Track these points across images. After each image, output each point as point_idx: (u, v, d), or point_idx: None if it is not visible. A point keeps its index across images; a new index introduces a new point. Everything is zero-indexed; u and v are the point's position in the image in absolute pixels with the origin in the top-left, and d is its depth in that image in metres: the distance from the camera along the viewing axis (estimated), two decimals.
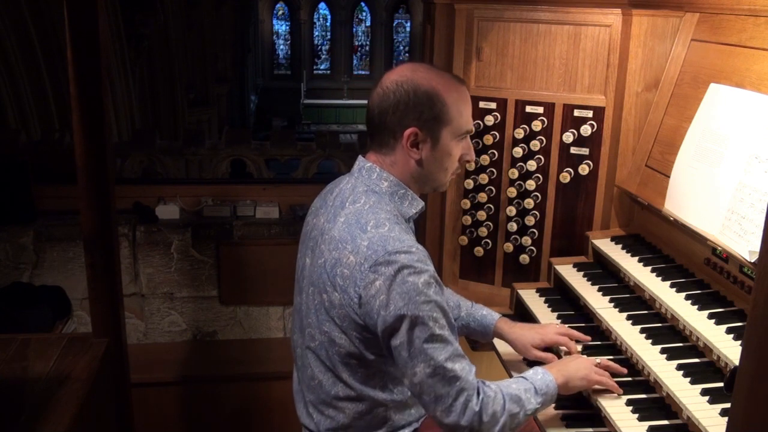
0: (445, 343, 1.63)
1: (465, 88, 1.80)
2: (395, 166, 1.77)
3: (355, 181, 1.80)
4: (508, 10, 2.53)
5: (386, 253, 1.62)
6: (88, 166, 2.20)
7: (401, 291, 1.60)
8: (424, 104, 1.70)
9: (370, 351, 1.72)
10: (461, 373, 1.64)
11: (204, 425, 3.40)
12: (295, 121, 22.83)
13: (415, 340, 1.61)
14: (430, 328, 1.61)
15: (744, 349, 0.96)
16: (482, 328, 2.13)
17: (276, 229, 3.57)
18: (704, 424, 1.58)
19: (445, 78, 1.76)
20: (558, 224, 2.57)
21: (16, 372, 2.15)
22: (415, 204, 1.82)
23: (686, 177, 2.13)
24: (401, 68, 1.78)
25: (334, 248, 1.70)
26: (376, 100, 1.75)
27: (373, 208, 1.72)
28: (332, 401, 1.82)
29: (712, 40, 2.21)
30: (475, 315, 2.15)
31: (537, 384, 1.77)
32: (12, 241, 3.43)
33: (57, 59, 7.42)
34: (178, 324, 3.63)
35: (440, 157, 1.77)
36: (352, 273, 1.65)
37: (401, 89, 1.71)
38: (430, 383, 1.63)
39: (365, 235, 1.65)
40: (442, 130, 1.73)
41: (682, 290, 2.01)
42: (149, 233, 3.52)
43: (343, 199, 1.78)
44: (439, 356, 1.62)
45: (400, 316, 1.60)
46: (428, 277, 1.63)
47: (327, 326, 1.74)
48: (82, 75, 2.12)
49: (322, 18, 27.22)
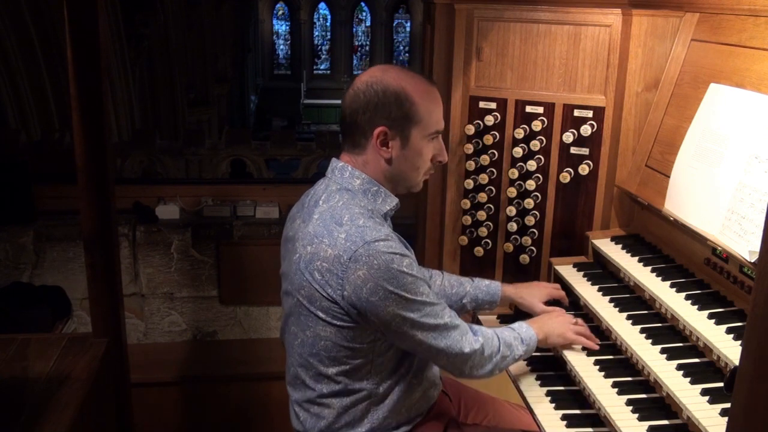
0: (432, 305, 1.76)
1: (435, 89, 1.84)
2: (367, 165, 1.81)
3: (328, 181, 1.85)
4: (508, 10, 2.53)
5: (365, 243, 1.67)
6: (88, 166, 2.20)
7: (388, 277, 1.67)
8: (393, 103, 1.74)
9: (357, 340, 1.76)
10: (451, 322, 1.80)
11: (204, 425, 3.40)
12: (295, 121, 22.84)
13: (409, 317, 1.72)
14: (419, 301, 1.72)
15: (744, 349, 0.96)
16: (490, 296, 2.25)
17: (276, 229, 3.56)
18: (704, 424, 1.57)
19: (415, 79, 1.79)
20: (558, 224, 2.57)
21: (16, 372, 2.15)
22: (389, 201, 1.85)
23: (686, 177, 2.13)
24: (373, 69, 1.83)
25: (308, 243, 1.74)
26: (347, 101, 1.80)
27: (346, 204, 1.76)
28: (317, 398, 1.84)
29: (712, 40, 2.21)
30: (480, 286, 2.26)
31: (522, 335, 1.97)
32: (12, 241, 3.43)
33: (57, 59, 7.42)
34: (178, 324, 3.63)
35: (411, 156, 1.81)
36: (332, 266, 1.69)
37: (371, 89, 1.75)
38: (430, 342, 1.76)
39: (341, 228, 1.70)
40: (412, 129, 1.77)
41: (682, 290, 2.01)
42: (149, 233, 3.52)
43: (317, 198, 1.83)
44: (431, 320, 1.75)
45: (391, 300, 1.68)
46: (409, 260, 1.72)
47: (310, 322, 1.77)
48: (82, 75, 2.12)
49: (322, 18, 27.22)
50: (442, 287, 2.25)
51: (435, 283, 2.24)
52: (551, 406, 1.93)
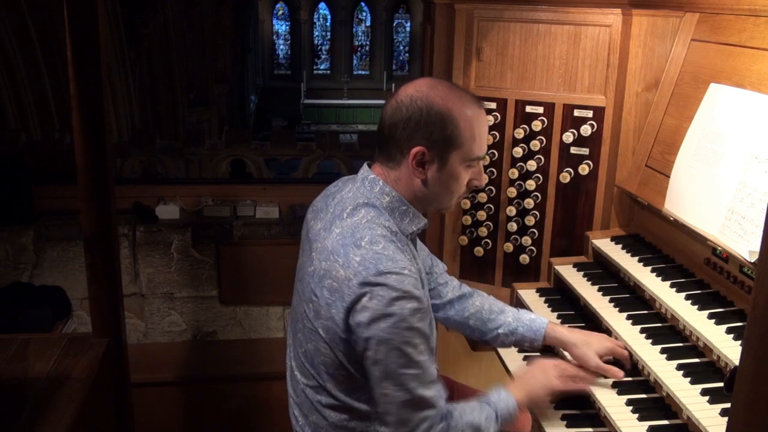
0: (421, 369, 1.62)
1: (483, 111, 1.73)
2: (399, 182, 1.72)
3: (357, 191, 1.74)
4: (508, 10, 2.53)
5: (377, 272, 1.57)
6: (88, 166, 2.19)
7: (386, 314, 1.56)
8: (435, 124, 1.64)
9: (353, 365, 1.68)
10: (431, 400, 1.64)
11: (204, 425, 3.40)
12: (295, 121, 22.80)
13: (391, 364, 1.59)
14: (408, 354, 1.59)
15: (744, 349, 0.96)
16: (532, 333, 2.02)
17: (276, 229, 3.57)
18: (704, 424, 1.57)
19: (463, 99, 1.68)
20: (558, 224, 2.57)
21: (16, 372, 2.15)
22: (417, 221, 1.75)
23: (686, 177, 2.13)
24: (420, 82, 1.71)
25: (324, 259, 1.66)
26: (388, 112, 1.69)
27: (370, 223, 1.66)
28: (316, 407, 1.79)
29: (712, 40, 2.21)
30: (523, 319, 2.05)
31: (499, 410, 1.77)
32: (12, 241, 3.43)
33: (57, 59, 7.42)
34: (178, 324, 3.63)
35: (446, 180, 1.70)
36: (341, 287, 1.60)
37: (415, 105, 1.65)
38: (398, 405, 1.62)
39: (359, 250, 1.61)
40: (452, 153, 1.67)
41: (682, 290, 2.01)
42: (149, 233, 3.52)
43: (343, 207, 1.73)
44: (411, 382, 1.61)
45: (380, 339, 1.57)
46: (416, 303, 1.59)
47: (313, 335, 1.72)
48: (82, 75, 2.11)
49: (322, 18, 27.18)
50: (480, 309, 2.07)
51: (474, 304, 2.08)
52: (551, 406, 1.92)
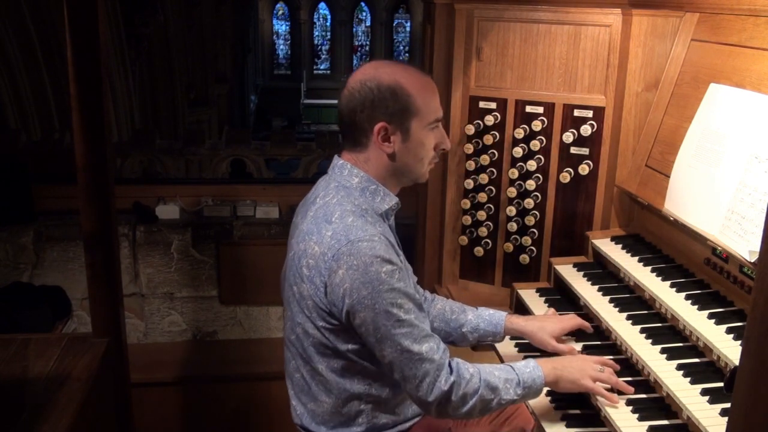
0: (411, 326, 1.69)
1: (429, 78, 1.84)
2: (369, 162, 1.81)
3: (328, 179, 1.86)
4: (508, 10, 2.53)
5: (348, 242, 1.66)
6: (88, 166, 2.19)
7: (365, 280, 1.64)
8: (389, 98, 1.74)
9: (341, 342, 1.76)
10: (428, 354, 1.70)
11: (204, 425, 3.40)
12: (295, 121, 22.81)
13: (381, 327, 1.67)
14: (395, 314, 1.67)
15: (744, 349, 0.96)
16: (492, 326, 2.10)
17: (276, 229, 3.57)
18: (704, 424, 1.58)
19: (407, 71, 1.80)
20: (558, 224, 2.57)
21: (16, 372, 2.15)
22: (387, 199, 1.83)
23: (686, 177, 2.13)
24: (365, 67, 1.83)
25: (301, 240, 1.76)
26: (344, 101, 1.80)
27: (340, 201, 1.76)
28: (311, 393, 1.85)
29: (712, 40, 2.21)
30: (483, 315, 2.12)
31: (523, 377, 1.80)
32: (12, 241, 3.43)
33: (57, 59, 7.42)
34: (178, 324, 3.63)
35: (413, 147, 1.80)
36: (317, 263, 1.70)
37: (366, 87, 1.75)
38: (398, 364, 1.69)
39: (330, 225, 1.71)
40: (411, 121, 1.77)
41: (682, 290, 2.01)
42: (149, 233, 3.51)
43: (315, 195, 1.84)
44: (404, 340, 1.68)
45: (365, 305, 1.65)
46: (389, 265, 1.67)
47: (300, 318, 1.79)
48: (82, 75, 2.12)
49: (322, 18, 27.18)
50: (442, 311, 2.13)
51: (435, 307, 2.14)
52: (551, 406, 1.92)
